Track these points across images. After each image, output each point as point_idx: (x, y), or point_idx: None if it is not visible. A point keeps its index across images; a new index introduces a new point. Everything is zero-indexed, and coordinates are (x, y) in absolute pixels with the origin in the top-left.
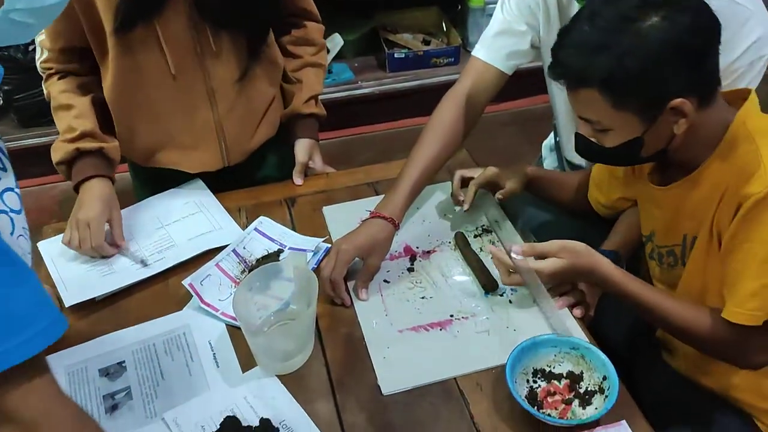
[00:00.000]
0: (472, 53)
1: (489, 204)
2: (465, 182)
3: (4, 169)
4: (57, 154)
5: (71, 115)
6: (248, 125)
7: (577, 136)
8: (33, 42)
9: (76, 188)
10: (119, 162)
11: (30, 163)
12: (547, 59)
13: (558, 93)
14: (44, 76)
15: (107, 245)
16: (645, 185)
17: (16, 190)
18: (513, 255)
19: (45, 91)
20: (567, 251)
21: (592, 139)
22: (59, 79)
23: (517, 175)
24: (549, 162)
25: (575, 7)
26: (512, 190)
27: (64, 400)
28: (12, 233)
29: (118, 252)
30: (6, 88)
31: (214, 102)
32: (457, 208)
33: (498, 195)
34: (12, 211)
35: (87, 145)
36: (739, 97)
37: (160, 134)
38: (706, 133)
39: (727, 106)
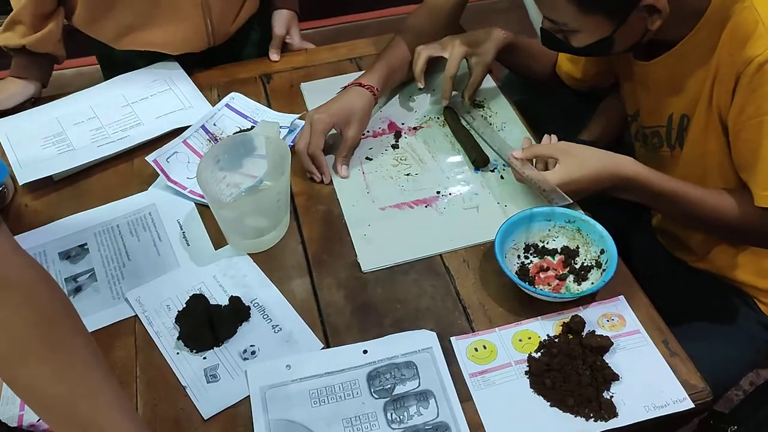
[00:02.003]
0: None
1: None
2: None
3: None
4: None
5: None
6: (234, 0)
7: (543, 31)
8: None
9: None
10: (59, 52)
11: None
12: None
13: None
14: None
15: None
16: (626, 59)
17: None
18: (513, 160)
19: None
20: (572, 156)
21: (558, 36)
22: None
23: (487, 47)
24: None
25: None
26: (477, 82)
27: (23, 256)
28: None
29: None
30: None
31: None
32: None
33: (466, 93)
34: None
35: (11, 42)
36: None
37: (141, 10)
38: (688, 5)
39: None
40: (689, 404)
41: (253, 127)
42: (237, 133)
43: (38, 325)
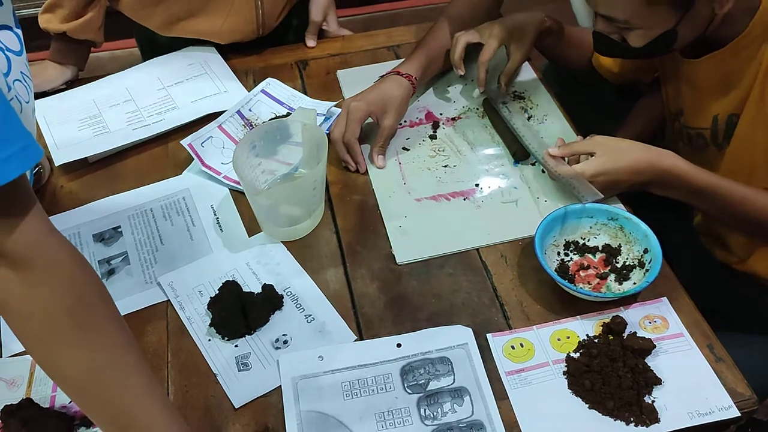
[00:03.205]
0: None
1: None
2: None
3: (0, 3)
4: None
5: None
6: None
7: (596, 35)
8: None
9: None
10: (99, 38)
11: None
12: None
13: None
14: None
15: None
16: (672, 57)
17: (17, 30)
18: (547, 158)
19: None
20: (609, 148)
21: (614, 37)
22: None
23: (526, 32)
24: None
25: None
26: (514, 69)
27: (58, 237)
28: (7, 74)
29: None
30: None
31: None
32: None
33: (502, 80)
34: (9, 50)
35: (51, 26)
36: None
37: (196, 1)
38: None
39: None
40: (735, 412)
41: (288, 114)
42: (273, 119)
43: (72, 307)
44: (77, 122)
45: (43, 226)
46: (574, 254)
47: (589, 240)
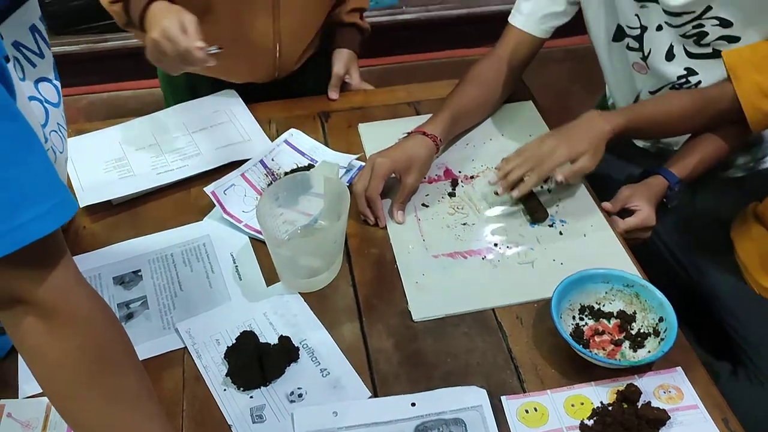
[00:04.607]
0: (508, 19)
1: None
2: None
3: (41, 55)
4: None
5: None
6: (305, 36)
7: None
8: None
9: (142, 23)
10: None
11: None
12: (590, 14)
13: (604, 47)
14: None
15: (194, 45)
16: None
17: (55, 82)
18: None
19: None
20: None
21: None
22: None
23: (588, 154)
24: None
25: None
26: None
27: (85, 287)
28: (44, 125)
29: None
30: None
31: (278, 9)
32: (503, 134)
33: (558, 177)
34: (47, 101)
35: None
36: None
37: (214, 39)
38: None
39: None
40: None
41: (310, 165)
42: (294, 170)
43: (96, 358)
44: (103, 164)
45: (72, 276)
46: (589, 319)
47: (604, 305)
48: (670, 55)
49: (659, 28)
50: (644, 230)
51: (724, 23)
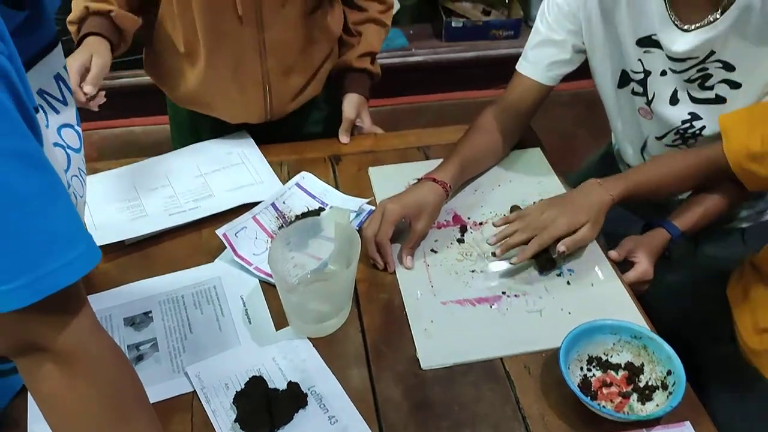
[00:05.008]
0: (516, 67)
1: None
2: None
3: (65, 103)
4: (71, 13)
5: None
6: (297, 82)
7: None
8: None
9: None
10: (129, 35)
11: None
12: (595, 61)
13: (610, 93)
14: None
15: (79, 90)
16: None
17: (77, 128)
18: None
19: None
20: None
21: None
22: None
23: (600, 218)
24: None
25: (620, 9)
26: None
27: (103, 333)
28: (66, 170)
29: (89, 96)
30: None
31: (264, 53)
32: (511, 180)
33: (560, 247)
34: (69, 147)
35: (96, 5)
36: None
37: (208, 78)
38: None
39: None
40: None
41: (320, 209)
42: (305, 213)
43: (111, 407)
44: (116, 203)
45: (91, 324)
46: (596, 370)
47: (612, 357)
48: (674, 100)
49: (663, 73)
50: (642, 284)
51: (728, 67)
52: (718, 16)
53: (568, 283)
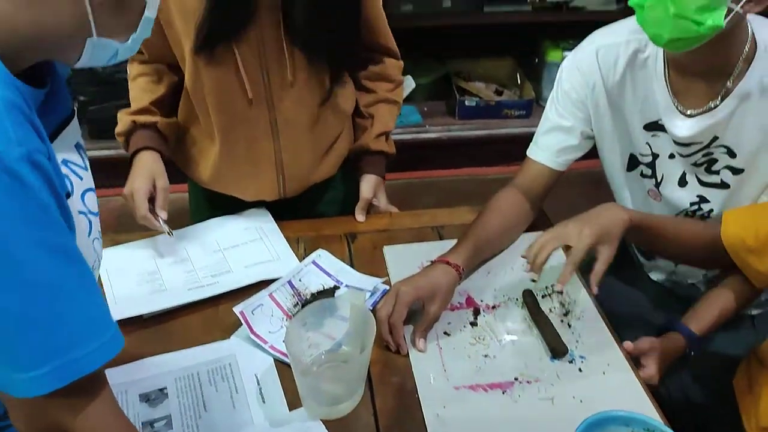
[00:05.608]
0: (527, 152)
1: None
2: None
3: (85, 168)
4: (118, 125)
5: (138, 87)
6: (309, 160)
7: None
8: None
9: (131, 161)
10: (173, 139)
11: (96, 175)
12: (604, 146)
13: (619, 177)
14: (128, 59)
15: (151, 216)
16: None
17: (95, 190)
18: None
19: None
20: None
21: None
22: (141, 63)
23: (613, 234)
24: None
25: (626, 96)
26: (603, 270)
27: (122, 417)
28: (89, 235)
29: (162, 222)
30: (82, 98)
31: (276, 133)
32: (523, 264)
33: (593, 280)
34: (90, 212)
35: (143, 118)
36: None
37: (223, 159)
38: None
39: None
40: None
41: (336, 287)
42: (320, 291)
43: None
44: (136, 276)
45: (110, 410)
46: None
47: None
48: (682, 182)
49: (671, 156)
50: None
51: (730, 153)
52: (718, 104)
53: (580, 370)
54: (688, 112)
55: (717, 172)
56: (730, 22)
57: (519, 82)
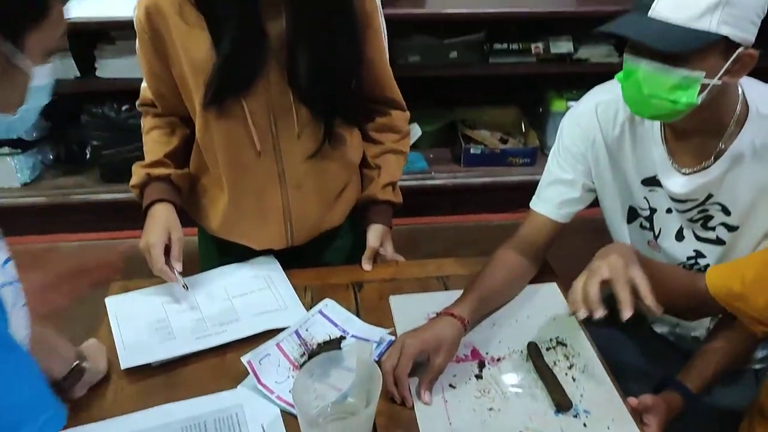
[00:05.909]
0: (530, 204)
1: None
2: None
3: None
4: (133, 177)
5: (151, 140)
6: (317, 210)
7: None
8: (124, 101)
9: (145, 213)
10: (186, 190)
11: (106, 218)
12: (605, 198)
13: (620, 228)
14: (143, 113)
15: (168, 269)
16: None
17: (10, 255)
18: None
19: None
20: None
21: None
22: (155, 116)
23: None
24: None
25: (625, 151)
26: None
27: None
28: (16, 305)
29: (178, 274)
30: (95, 143)
31: (284, 184)
32: (528, 317)
33: (657, 312)
34: (15, 281)
35: (157, 171)
36: None
37: (232, 208)
38: None
39: None
40: None
41: (342, 337)
42: (327, 342)
43: None
44: (146, 323)
45: None
46: None
47: None
48: (679, 236)
49: (668, 210)
50: None
51: (725, 210)
52: (711, 163)
53: (585, 425)
54: (683, 170)
55: (713, 228)
56: (710, 93)
57: (524, 130)
